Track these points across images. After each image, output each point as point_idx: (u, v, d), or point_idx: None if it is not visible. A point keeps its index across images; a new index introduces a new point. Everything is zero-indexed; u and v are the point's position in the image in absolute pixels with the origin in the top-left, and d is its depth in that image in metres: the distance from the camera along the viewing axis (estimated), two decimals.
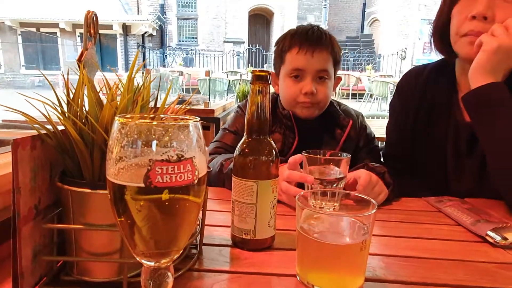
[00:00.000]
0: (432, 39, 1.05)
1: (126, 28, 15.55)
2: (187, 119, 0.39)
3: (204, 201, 0.59)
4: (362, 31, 19.70)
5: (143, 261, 0.37)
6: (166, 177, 0.33)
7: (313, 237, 0.49)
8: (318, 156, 0.86)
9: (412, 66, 1.14)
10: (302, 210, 0.52)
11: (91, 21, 0.55)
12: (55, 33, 15.58)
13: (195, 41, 18.81)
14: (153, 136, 0.34)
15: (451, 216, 0.84)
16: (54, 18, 14.07)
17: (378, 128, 2.60)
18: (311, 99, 1.10)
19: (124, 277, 0.47)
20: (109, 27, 15.28)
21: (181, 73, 11.24)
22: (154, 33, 17.27)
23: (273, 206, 0.62)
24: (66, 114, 0.45)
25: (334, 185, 0.85)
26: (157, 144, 0.34)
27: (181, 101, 2.33)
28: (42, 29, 15.20)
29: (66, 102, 0.48)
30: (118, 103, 0.47)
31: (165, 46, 17.83)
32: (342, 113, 1.22)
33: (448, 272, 0.58)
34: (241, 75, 9.83)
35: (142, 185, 0.33)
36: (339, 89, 12.88)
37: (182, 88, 12.30)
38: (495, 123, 0.86)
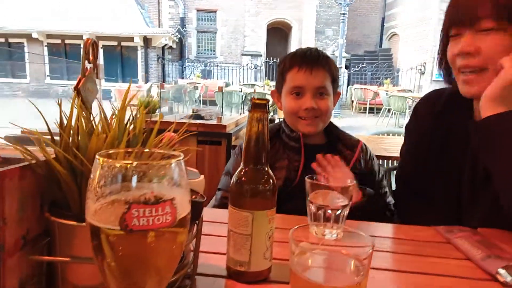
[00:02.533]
0: (439, 67, 1.05)
1: (147, 41, 15.91)
2: (172, 155, 0.38)
3: (198, 231, 0.58)
4: (380, 45, 19.58)
5: None
6: (143, 220, 0.33)
7: (303, 276, 0.47)
8: (322, 183, 0.84)
9: (432, 81, 1.13)
10: (295, 246, 0.50)
11: (90, 48, 0.55)
12: (79, 44, 16.09)
13: (214, 54, 19.09)
14: (131, 177, 0.33)
15: (460, 249, 0.80)
16: (79, 31, 14.55)
17: (395, 146, 2.54)
18: (312, 113, 1.15)
19: None
20: (131, 39, 15.68)
21: (196, 87, 11.38)
22: (174, 46, 17.61)
23: (269, 238, 0.60)
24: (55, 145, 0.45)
25: (339, 212, 0.83)
26: (135, 186, 0.33)
27: (195, 116, 2.36)
28: (67, 41, 15.72)
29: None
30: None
31: (184, 58, 18.16)
32: (349, 136, 1.25)
33: None
34: (254, 89, 9.89)
35: (118, 227, 0.32)
36: (356, 103, 12.80)
37: (200, 100, 12.46)
38: (498, 153, 0.85)
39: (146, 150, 0.39)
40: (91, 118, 0.51)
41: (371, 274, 0.67)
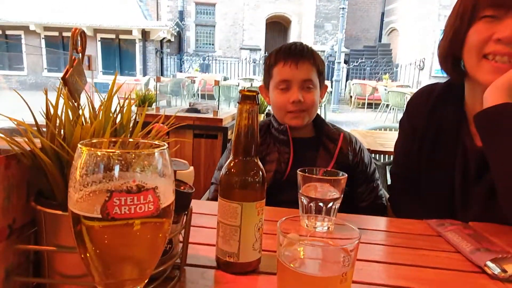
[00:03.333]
0: (440, 59, 1.02)
1: (145, 34, 15.83)
2: (156, 145, 0.38)
3: (187, 222, 0.58)
4: (380, 40, 19.53)
5: None
6: (125, 208, 0.33)
7: (290, 266, 0.47)
8: (314, 175, 0.84)
9: (430, 77, 1.09)
10: (282, 237, 0.50)
11: (78, 38, 0.55)
12: None
13: (212, 48, 19.01)
14: (113, 166, 0.33)
15: (450, 242, 0.80)
16: (76, 23, 14.45)
17: (391, 141, 2.55)
18: (299, 107, 1.17)
19: None
20: (129, 32, 15.59)
21: (193, 80, 11.34)
22: (172, 39, 17.52)
23: (258, 229, 0.60)
24: (40, 134, 0.45)
25: (330, 204, 0.83)
26: (117, 175, 0.33)
27: (191, 109, 2.36)
28: (64, 34, 15.61)
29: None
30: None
31: (182, 52, 18.08)
32: (334, 129, 1.26)
33: None
34: (251, 83, 9.86)
35: (99, 216, 0.32)
36: (355, 98, 12.79)
37: (198, 94, 12.43)
38: (504, 144, 0.82)
39: (131, 140, 0.39)
40: (79, 108, 0.51)
41: (360, 266, 0.67)
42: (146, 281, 0.37)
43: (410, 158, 1.11)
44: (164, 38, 16.46)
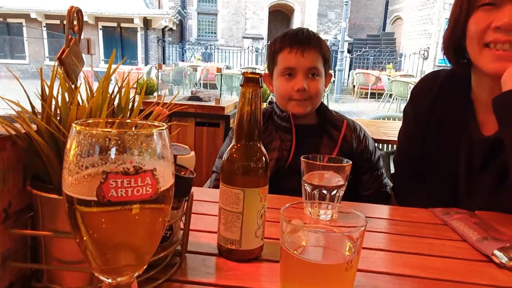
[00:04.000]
0: (444, 49, 1.00)
1: (147, 22, 15.69)
2: (155, 125, 0.36)
3: (188, 208, 0.57)
4: (384, 29, 19.30)
5: (101, 277, 0.35)
6: (121, 190, 0.31)
7: (294, 254, 0.46)
8: (318, 162, 0.82)
9: (434, 66, 1.05)
10: (286, 224, 0.48)
11: (74, 17, 0.53)
12: None
13: (215, 36, 18.85)
14: (109, 146, 0.31)
15: (457, 231, 0.79)
16: None
17: (395, 130, 2.53)
18: (303, 95, 1.14)
19: (94, 287, 0.45)
20: (130, 20, 15.45)
21: (195, 69, 11.27)
22: (174, 28, 17.38)
23: (261, 216, 0.59)
24: (37, 116, 0.43)
25: (334, 192, 0.81)
26: (113, 156, 0.31)
27: (193, 97, 2.34)
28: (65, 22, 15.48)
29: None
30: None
31: (184, 40, 17.93)
32: (337, 116, 1.24)
33: None
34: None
35: (95, 198, 0.31)
36: (358, 88, 12.69)
37: (200, 83, 12.35)
38: None
39: (129, 120, 0.37)
40: (76, 89, 0.49)
41: (364, 254, 0.66)
42: (145, 267, 0.36)
43: (414, 146, 1.09)
44: (166, 27, 16.32)
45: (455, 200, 1.00)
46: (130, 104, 0.47)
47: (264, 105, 3.36)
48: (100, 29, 15.82)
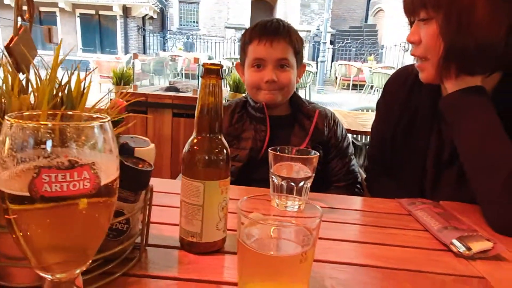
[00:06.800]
0: None
1: (126, 10, 15.31)
2: (98, 117, 0.35)
3: (147, 201, 0.56)
4: (366, 21, 19.43)
5: (41, 274, 0.34)
6: (56, 185, 0.30)
7: (249, 246, 0.46)
8: (285, 154, 0.82)
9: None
10: (243, 217, 0.48)
11: (24, 2, 0.50)
12: (54, 12, 15.35)
13: (196, 26, 18.57)
14: (42, 140, 0.30)
15: (419, 221, 0.81)
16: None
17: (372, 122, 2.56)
18: (273, 86, 1.14)
19: (43, 283, 0.43)
20: (109, 8, 15.05)
21: (174, 59, 11.10)
22: (155, 16, 17.03)
23: (223, 208, 0.59)
24: None
25: (301, 183, 0.82)
26: (49, 149, 0.30)
27: (171, 88, 2.29)
28: (41, 9, 14.96)
29: None
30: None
31: (165, 30, 17.61)
32: (310, 106, 1.25)
33: (401, 284, 0.55)
34: (233, 62, 9.72)
35: (27, 194, 0.29)
36: (340, 79, 12.78)
37: (182, 74, 12.18)
38: (462, 126, 0.86)
39: (70, 112, 0.36)
40: (25, 80, 0.47)
41: (328, 245, 0.67)
42: (88, 263, 0.35)
43: (385, 139, 1.11)
44: (146, 15, 15.97)
45: (422, 192, 1.03)
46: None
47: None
48: (78, 16, 15.36)
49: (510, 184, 0.76)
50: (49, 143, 0.30)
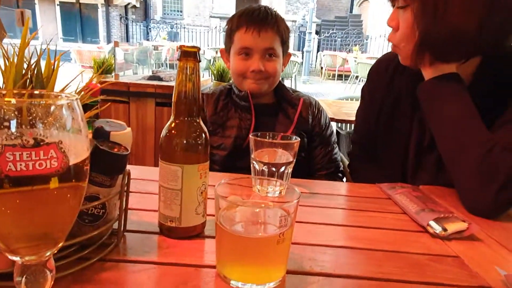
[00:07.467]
0: None
1: None
2: (63, 96, 0.34)
3: (125, 185, 0.55)
4: (351, 11, 19.47)
5: (10, 257, 0.33)
6: (21, 164, 0.29)
7: (227, 229, 0.46)
8: (266, 140, 0.82)
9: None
10: (220, 200, 0.48)
11: None
12: (33, 0, 14.87)
13: (180, 15, 18.28)
14: (7, 118, 0.29)
15: (398, 204, 0.82)
16: None
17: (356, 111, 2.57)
18: (259, 76, 1.13)
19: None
20: None
21: (156, 48, 10.91)
22: (138, 5, 16.67)
23: (202, 193, 0.58)
24: None
25: (282, 169, 0.82)
26: (13, 128, 0.29)
27: (154, 77, 2.26)
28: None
29: None
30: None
31: (149, 18, 17.28)
32: (294, 94, 1.24)
33: (377, 264, 0.56)
34: (216, 52, 9.62)
35: None
36: (325, 69, 12.81)
37: (166, 64, 12.01)
38: (435, 113, 0.89)
39: (36, 92, 0.35)
40: None
41: (308, 228, 0.67)
42: (59, 246, 0.34)
43: (369, 126, 1.12)
44: (128, 4, 15.63)
45: (404, 176, 1.04)
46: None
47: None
48: (58, 4, 14.91)
49: (482, 167, 0.78)
50: (13, 122, 0.29)
